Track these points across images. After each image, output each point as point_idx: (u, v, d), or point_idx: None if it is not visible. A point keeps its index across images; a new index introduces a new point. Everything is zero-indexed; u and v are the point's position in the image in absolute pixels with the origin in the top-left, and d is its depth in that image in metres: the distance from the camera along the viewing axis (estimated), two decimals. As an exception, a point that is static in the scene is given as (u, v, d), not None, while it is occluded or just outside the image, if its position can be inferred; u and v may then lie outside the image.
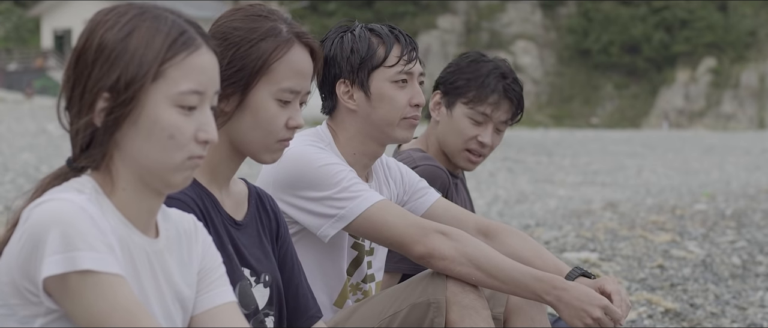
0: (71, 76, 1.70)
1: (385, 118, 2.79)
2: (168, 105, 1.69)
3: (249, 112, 2.20)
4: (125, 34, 1.69)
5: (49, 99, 42.13)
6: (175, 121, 1.69)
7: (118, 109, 1.67)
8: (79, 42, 1.72)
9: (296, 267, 2.35)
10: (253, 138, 2.21)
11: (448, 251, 2.58)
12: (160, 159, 1.70)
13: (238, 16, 2.25)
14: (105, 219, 1.65)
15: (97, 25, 1.71)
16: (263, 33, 2.21)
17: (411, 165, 3.15)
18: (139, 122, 1.68)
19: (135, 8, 1.72)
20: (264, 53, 2.20)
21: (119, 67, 1.67)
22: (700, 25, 67.61)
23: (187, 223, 1.87)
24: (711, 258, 7.01)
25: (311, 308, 2.35)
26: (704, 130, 56.98)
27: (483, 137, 3.30)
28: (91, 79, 1.68)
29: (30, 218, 1.61)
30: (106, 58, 1.68)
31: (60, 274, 1.57)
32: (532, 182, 17.30)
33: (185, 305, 1.81)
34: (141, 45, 1.68)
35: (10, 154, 17.35)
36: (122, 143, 1.70)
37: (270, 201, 2.35)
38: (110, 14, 1.72)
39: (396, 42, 2.79)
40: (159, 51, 1.68)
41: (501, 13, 69.13)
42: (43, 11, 57.15)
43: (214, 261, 1.88)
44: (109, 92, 1.67)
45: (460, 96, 3.30)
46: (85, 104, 1.68)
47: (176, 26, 1.72)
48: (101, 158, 1.70)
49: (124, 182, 1.72)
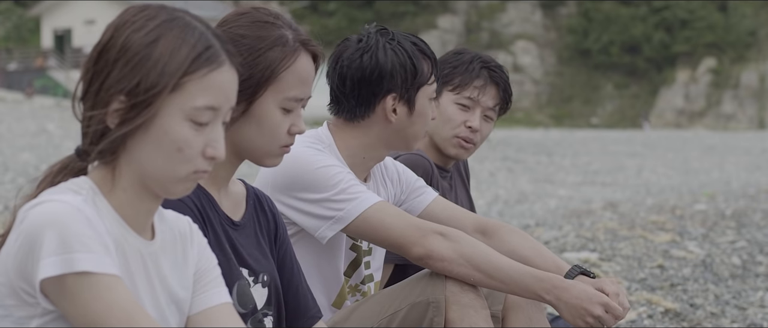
0: (90, 70, 1.70)
1: (418, 133, 2.82)
2: (181, 118, 1.68)
3: (254, 119, 2.20)
4: (152, 39, 1.68)
5: (49, 99, 42.11)
6: (186, 135, 1.69)
7: (132, 113, 1.67)
8: (103, 37, 1.70)
9: (296, 268, 2.35)
10: (257, 144, 2.22)
11: (446, 252, 2.58)
12: (165, 169, 1.70)
13: (244, 22, 2.24)
14: (101, 220, 1.65)
15: (124, 23, 1.70)
16: (271, 42, 2.21)
17: (393, 155, 3.17)
18: (151, 130, 1.68)
19: (165, 12, 1.71)
20: (272, 63, 2.20)
21: (140, 72, 1.66)
22: (700, 25, 67.59)
23: (183, 225, 1.87)
24: (711, 258, 7.01)
25: (311, 309, 2.35)
26: (704, 130, 56.97)
27: (472, 122, 3.32)
28: (110, 78, 1.67)
29: (26, 220, 1.61)
30: (128, 61, 1.67)
31: (57, 276, 1.57)
32: (532, 181, 17.30)
33: (180, 306, 1.81)
34: (165, 54, 1.67)
35: (10, 154, 17.35)
36: (130, 146, 1.69)
37: (268, 202, 2.34)
38: (140, 15, 1.70)
39: (432, 61, 2.84)
40: (182, 63, 1.68)
41: (501, 13, 69.11)
42: (43, 11, 57.12)
43: (209, 263, 1.88)
44: (126, 95, 1.67)
45: (446, 84, 3.34)
46: (100, 101, 1.68)
47: (203, 40, 1.71)
48: (108, 155, 1.70)
49: (125, 183, 1.72)
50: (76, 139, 21.56)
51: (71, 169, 1.74)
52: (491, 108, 3.35)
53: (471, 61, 3.34)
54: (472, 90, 3.31)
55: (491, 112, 3.36)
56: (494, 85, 3.34)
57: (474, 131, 3.33)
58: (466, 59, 3.35)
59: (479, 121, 3.33)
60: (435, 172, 3.26)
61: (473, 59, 3.34)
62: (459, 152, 3.37)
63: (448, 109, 3.33)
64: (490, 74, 3.33)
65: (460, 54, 3.39)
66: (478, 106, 3.33)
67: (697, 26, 67.63)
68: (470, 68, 3.32)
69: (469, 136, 3.33)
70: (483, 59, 3.36)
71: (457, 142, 3.34)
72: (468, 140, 3.34)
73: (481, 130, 3.35)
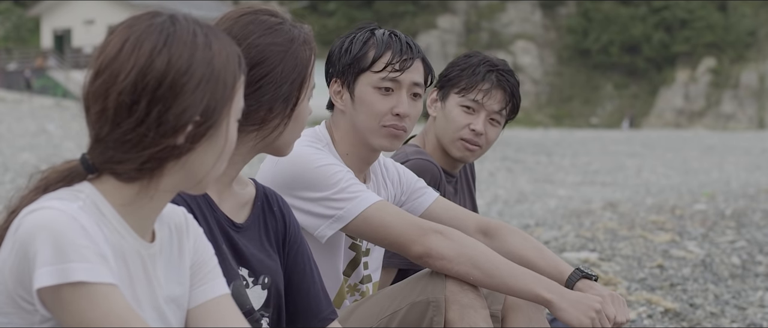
0: (144, 98, 1.63)
1: (365, 124, 2.79)
2: (234, 120, 1.74)
3: (294, 119, 2.26)
4: (210, 56, 1.68)
5: (49, 99, 42.11)
6: (234, 134, 1.75)
7: (202, 128, 1.68)
8: (153, 62, 1.64)
9: (309, 267, 2.34)
10: (291, 139, 2.29)
11: (446, 251, 2.58)
12: (214, 168, 1.74)
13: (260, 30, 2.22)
14: (98, 227, 1.63)
15: (174, 42, 1.66)
16: (297, 45, 2.23)
17: (402, 160, 3.17)
18: (213, 138, 1.71)
19: (192, 22, 1.71)
20: (304, 65, 2.24)
21: (209, 90, 1.67)
22: (699, 25, 67.60)
23: (178, 216, 1.86)
24: (711, 258, 7.01)
25: (324, 310, 2.34)
26: (704, 130, 56.96)
27: (475, 125, 3.31)
28: (179, 104, 1.65)
29: (21, 227, 1.60)
30: (198, 83, 1.66)
31: (52, 286, 1.56)
32: (531, 181, 17.30)
33: (179, 303, 1.81)
34: (222, 65, 1.70)
35: (10, 154, 17.35)
36: (187, 155, 1.70)
37: (279, 202, 2.34)
38: (182, 31, 1.68)
39: (389, 49, 2.78)
40: (235, 71, 1.72)
41: (501, 12, 69.12)
42: (43, 11, 57.12)
43: (206, 253, 1.88)
44: (201, 115, 1.67)
45: (453, 87, 3.34)
46: (169, 128, 1.65)
47: (232, 44, 1.75)
48: (153, 166, 1.68)
49: (165, 186, 1.71)
50: (75, 140, 21.55)
51: (71, 179, 1.70)
52: (497, 112, 3.34)
53: (478, 64, 3.33)
54: (477, 93, 3.30)
55: (497, 116, 3.35)
56: (501, 89, 3.32)
57: (478, 134, 3.32)
58: (474, 62, 3.34)
59: (483, 124, 3.32)
60: (442, 177, 3.26)
61: (481, 62, 3.33)
62: (464, 155, 3.37)
63: (452, 111, 3.33)
64: (497, 78, 3.32)
65: (470, 57, 3.38)
66: (483, 109, 3.32)
67: (697, 26, 67.64)
68: (477, 71, 3.31)
69: (472, 138, 3.33)
70: (491, 63, 3.34)
71: (461, 144, 3.34)
72: (472, 143, 3.34)
73: (486, 133, 3.34)
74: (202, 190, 1.76)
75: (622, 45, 67.50)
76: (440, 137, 3.37)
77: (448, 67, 3.40)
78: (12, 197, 1.72)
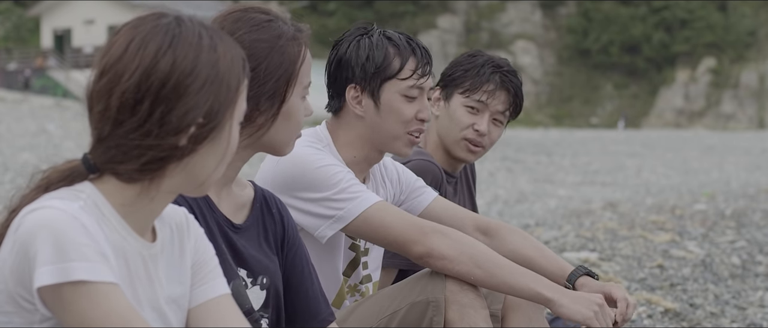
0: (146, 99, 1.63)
1: (391, 131, 2.79)
2: (237, 122, 1.73)
3: (284, 117, 2.24)
4: (215, 58, 1.68)
5: (49, 99, 42.11)
6: (236, 137, 1.74)
7: (205, 130, 1.68)
8: (158, 63, 1.64)
9: (307, 269, 2.34)
10: (286, 138, 2.27)
11: (447, 250, 2.58)
12: (215, 170, 1.74)
13: (246, 27, 2.23)
14: (99, 227, 1.63)
15: (179, 43, 1.66)
16: (284, 41, 2.22)
17: (404, 160, 3.16)
18: (216, 140, 1.70)
19: (198, 24, 1.70)
20: (292, 61, 2.22)
21: (213, 92, 1.67)
22: (699, 25, 67.63)
23: (179, 216, 1.86)
24: (711, 258, 7.01)
25: (322, 311, 2.34)
26: (704, 130, 56.96)
27: (479, 125, 3.31)
28: (182, 106, 1.64)
29: (21, 226, 1.59)
30: (202, 84, 1.66)
31: (53, 284, 1.56)
32: (531, 181, 17.31)
33: (180, 303, 1.80)
34: (227, 68, 1.69)
35: (10, 154, 17.35)
36: (188, 157, 1.70)
37: (278, 204, 2.34)
38: (188, 33, 1.68)
39: (412, 55, 2.79)
40: (239, 74, 1.71)
41: (501, 12, 69.15)
42: (43, 11, 57.11)
43: (206, 253, 1.87)
44: (204, 117, 1.67)
45: (457, 87, 3.33)
46: (171, 129, 1.64)
47: (237, 46, 1.74)
48: (155, 167, 1.68)
49: (166, 187, 1.71)
50: (76, 139, 21.55)
51: (72, 179, 1.70)
52: (501, 112, 3.34)
53: (483, 64, 3.32)
54: (482, 93, 3.30)
55: (501, 116, 3.35)
56: (505, 90, 3.32)
57: (481, 135, 3.32)
58: (478, 62, 3.33)
59: (487, 124, 3.33)
60: (443, 180, 3.26)
61: (485, 63, 3.33)
62: (467, 155, 3.37)
63: (457, 111, 3.33)
64: (501, 79, 3.31)
65: (474, 57, 3.37)
66: (487, 109, 3.32)
67: (697, 26, 67.66)
68: (481, 72, 3.31)
69: (476, 139, 3.33)
70: (496, 63, 3.33)
71: (465, 144, 3.34)
72: (475, 143, 3.34)
73: (489, 134, 3.34)
74: (203, 192, 1.76)
75: (622, 45, 67.52)
76: (443, 137, 3.37)
77: (451, 67, 3.39)
78: (13, 196, 1.71)
